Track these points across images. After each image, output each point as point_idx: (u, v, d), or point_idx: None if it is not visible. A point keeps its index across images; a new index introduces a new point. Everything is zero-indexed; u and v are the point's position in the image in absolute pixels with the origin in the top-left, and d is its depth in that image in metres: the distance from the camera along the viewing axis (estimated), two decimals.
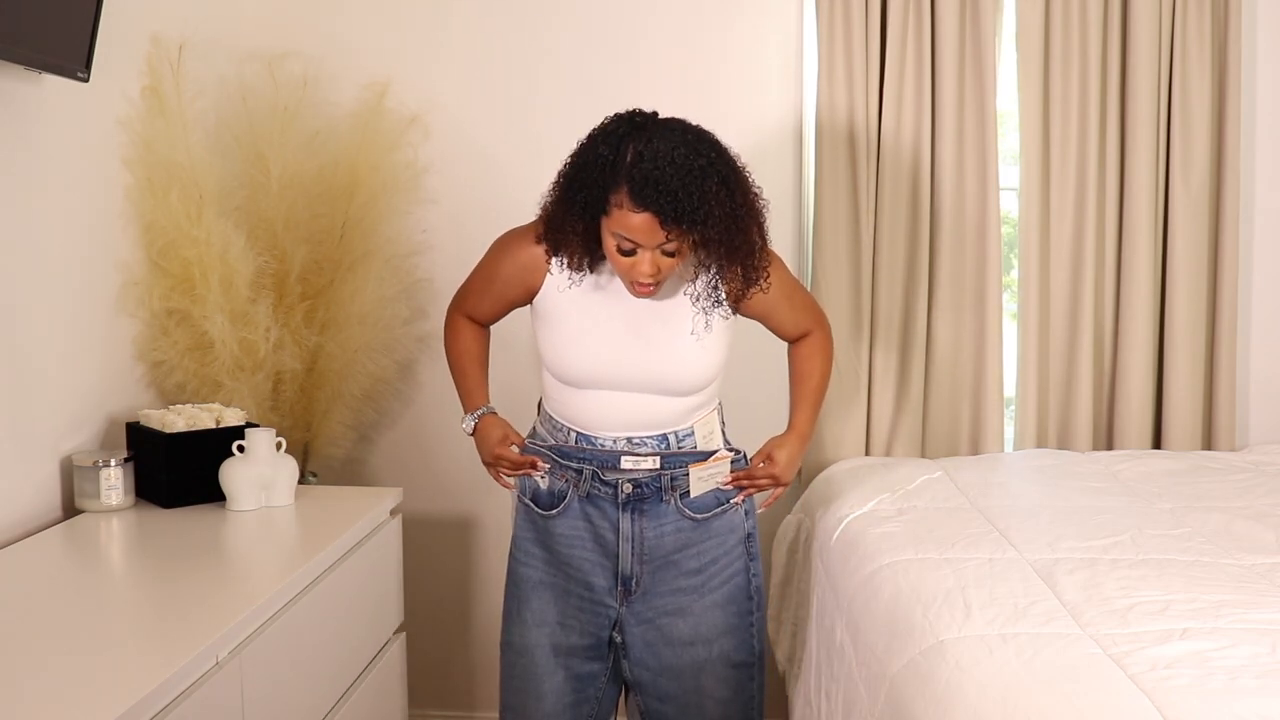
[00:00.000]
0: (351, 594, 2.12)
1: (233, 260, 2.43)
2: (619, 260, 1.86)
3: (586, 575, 2.08)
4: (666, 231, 1.79)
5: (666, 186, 1.76)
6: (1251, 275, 3.00)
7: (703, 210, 1.77)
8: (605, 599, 2.09)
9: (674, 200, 1.76)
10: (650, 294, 1.90)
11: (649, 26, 2.93)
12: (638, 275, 1.85)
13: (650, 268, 1.84)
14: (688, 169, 1.77)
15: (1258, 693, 1.47)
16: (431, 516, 3.01)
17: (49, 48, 1.96)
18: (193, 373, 2.48)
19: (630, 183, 1.78)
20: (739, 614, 2.11)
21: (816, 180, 2.86)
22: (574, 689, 2.12)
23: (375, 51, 2.93)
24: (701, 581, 2.08)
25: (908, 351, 2.90)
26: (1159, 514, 2.29)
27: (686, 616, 2.08)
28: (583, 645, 2.11)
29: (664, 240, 1.81)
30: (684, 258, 1.87)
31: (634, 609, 2.09)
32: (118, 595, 1.84)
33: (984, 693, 1.54)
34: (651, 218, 1.78)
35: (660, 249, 1.83)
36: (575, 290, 2.00)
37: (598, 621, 2.10)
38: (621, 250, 1.84)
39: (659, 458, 2.02)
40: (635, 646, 2.10)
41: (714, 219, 1.79)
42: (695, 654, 2.09)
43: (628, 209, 1.79)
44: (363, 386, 2.79)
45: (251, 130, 2.62)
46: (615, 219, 1.81)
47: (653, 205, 1.77)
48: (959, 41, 2.82)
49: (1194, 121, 2.85)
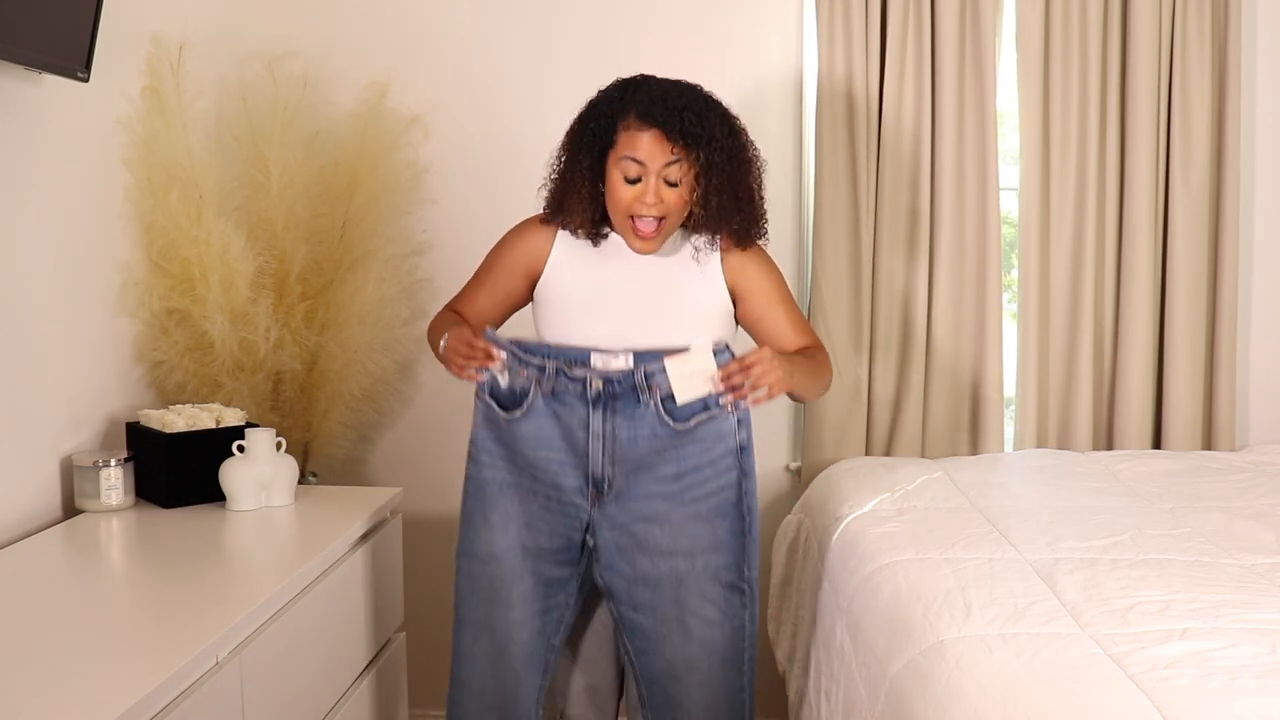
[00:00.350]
0: (351, 594, 2.12)
1: (233, 260, 2.43)
2: (623, 195, 1.90)
3: (555, 476, 1.97)
4: (672, 146, 1.87)
5: (673, 105, 1.88)
6: (1251, 275, 3.00)
7: (706, 132, 1.88)
8: (575, 499, 1.97)
9: (679, 117, 1.87)
10: (651, 239, 1.93)
11: (649, 31, 2.93)
12: (641, 206, 1.89)
13: (654, 196, 1.89)
14: (692, 95, 1.91)
15: (1258, 693, 1.47)
16: (431, 516, 3.01)
17: (49, 48, 1.96)
18: (193, 373, 2.48)
19: (637, 105, 1.89)
20: (730, 531, 1.99)
21: (817, 180, 2.86)
22: (543, 595, 2.02)
23: (375, 51, 2.93)
24: (681, 489, 1.96)
25: (908, 351, 2.90)
26: (1159, 514, 2.29)
27: (663, 524, 1.96)
28: (551, 548, 2.00)
29: (670, 158, 1.87)
30: (685, 198, 1.91)
31: (606, 511, 1.97)
32: (118, 595, 1.84)
33: (984, 693, 1.54)
34: (658, 133, 1.87)
35: (664, 178, 1.88)
36: (578, 268, 2.01)
37: (567, 523, 1.99)
38: (627, 177, 1.89)
39: (631, 354, 1.92)
40: (607, 551, 1.98)
41: (716, 143, 1.89)
42: (675, 565, 1.97)
43: (634, 129, 1.88)
44: (363, 386, 2.79)
45: (251, 130, 2.62)
46: (622, 142, 1.89)
47: (660, 119, 1.87)
48: (959, 41, 2.82)
49: (1194, 121, 2.86)
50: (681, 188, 1.90)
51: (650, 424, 1.93)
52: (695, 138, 1.87)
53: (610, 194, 1.92)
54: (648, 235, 1.92)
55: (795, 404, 3.02)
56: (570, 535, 2.00)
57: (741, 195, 1.95)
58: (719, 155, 1.90)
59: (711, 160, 1.89)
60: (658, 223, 1.92)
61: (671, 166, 1.88)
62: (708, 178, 1.90)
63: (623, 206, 1.91)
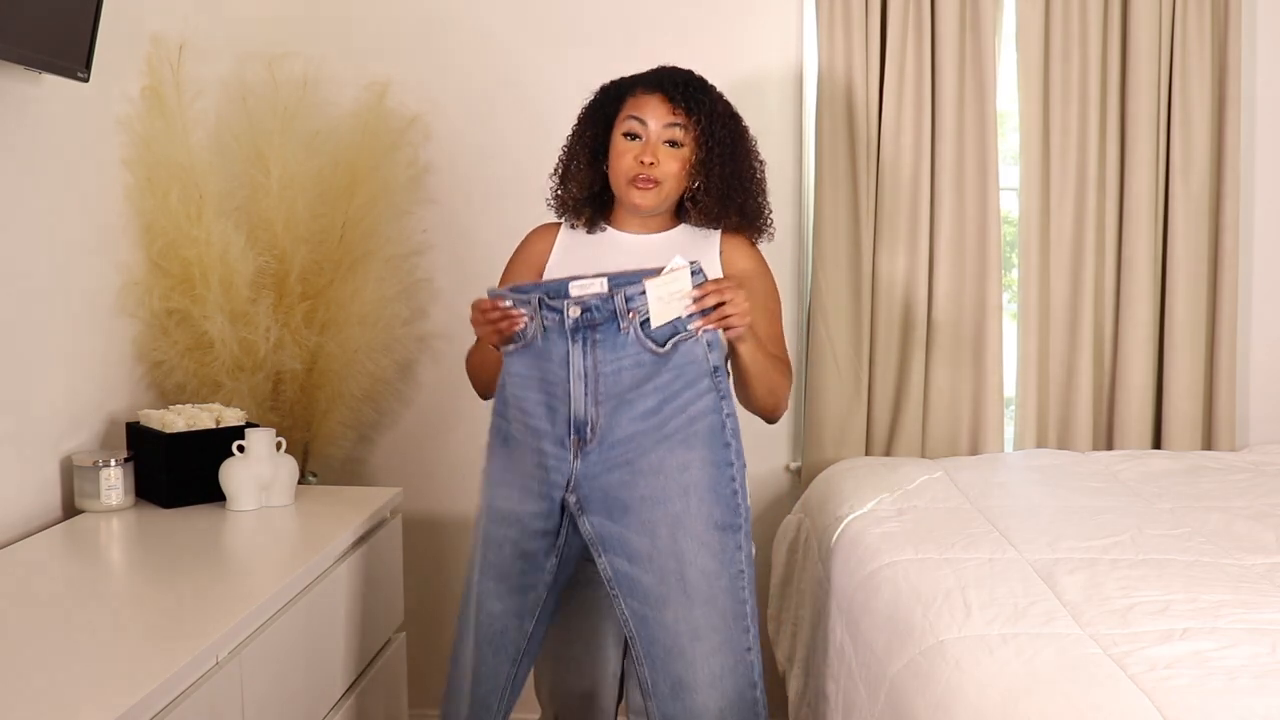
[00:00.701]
0: (351, 594, 2.12)
1: (233, 260, 2.43)
2: (624, 150, 1.98)
3: (537, 420, 1.89)
4: (674, 108, 1.96)
5: (677, 78, 2.01)
6: (1251, 275, 3.00)
7: (708, 104, 1.98)
8: (556, 449, 1.88)
9: (684, 86, 1.99)
10: (648, 194, 1.97)
11: (649, 30, 2.93)
12: (639, 164, 1.96)
13: (651, 155, 1.97)
14: (695, 76, 2.04)
15: (1258, 693, 1.47)
16: (431, 516, 3.01)
17: (49, 48, 1.96)
18: (192, 373, 2.48)
19: (642, 80, 2.02)
20: (716, 463, 1.88)
21: (816, 181, 2.86)
22: (519, 570, 1.94)
23: (375, 51, 2.92)
24: (660, 422, 1.85)
25: (908, 351, 2.90)
26: (1159, 514, 2.29)
27: (651, 467, 1.86)
28: (530, 512, 1.92)
29: (670, 118, 1.96)
30: (683, 167, 1.98)
31: (589, 460, 1.87)
32: (118, 595, 1.84)
33: (984, 693, 1.54)
34: (661, 96, 1.98)
35: (665, 138, 1.97)
36: (576, 260, 2.04)
37: (547, 479, 1.89)
38: (628, 134, 1.98)
39: (605, 278, 1.84)
40: (593, 500, 1.87)
41: (718, 118, 1.99)
42: (669, 508, 1.86)
43: (639, 95, 2.00)
44: (363, 386, 2.79)
45: (251, 130, 2.62)
46: (627, 107, 2.00)
47: (665, 87, 1.98)
48: (959, 42, 2.82)
49: (1194, 121, 2.86)
50: (681, 151, 1.98)
51: (633, 351, 1.84)
52: (698, 103, 1.96)
53: (613, 159, 2.00)
54: (645, 187, 1.98)
55: (795, 404, 3.02)
56: (551, 495, 1.89)
57: (744, 176, 2.02)
58: (720, 130, 1.98)
59: (712, 132, 1.97)
60: (654, 184, 1.98)
61: (673, 129, 1.97)
62: (708, 147, 1.97)
63: (624, 165, 1.98)
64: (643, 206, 2.00)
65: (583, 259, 2.04)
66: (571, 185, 2.06)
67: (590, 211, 2.07)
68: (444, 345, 2.99)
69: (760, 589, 2.87)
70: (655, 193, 1.98)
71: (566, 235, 2.10)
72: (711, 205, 2.00)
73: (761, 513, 3.01)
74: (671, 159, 1.98)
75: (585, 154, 2.05)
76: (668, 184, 1.99)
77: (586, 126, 2.06)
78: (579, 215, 2.08)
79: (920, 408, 2.91)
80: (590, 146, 2.04)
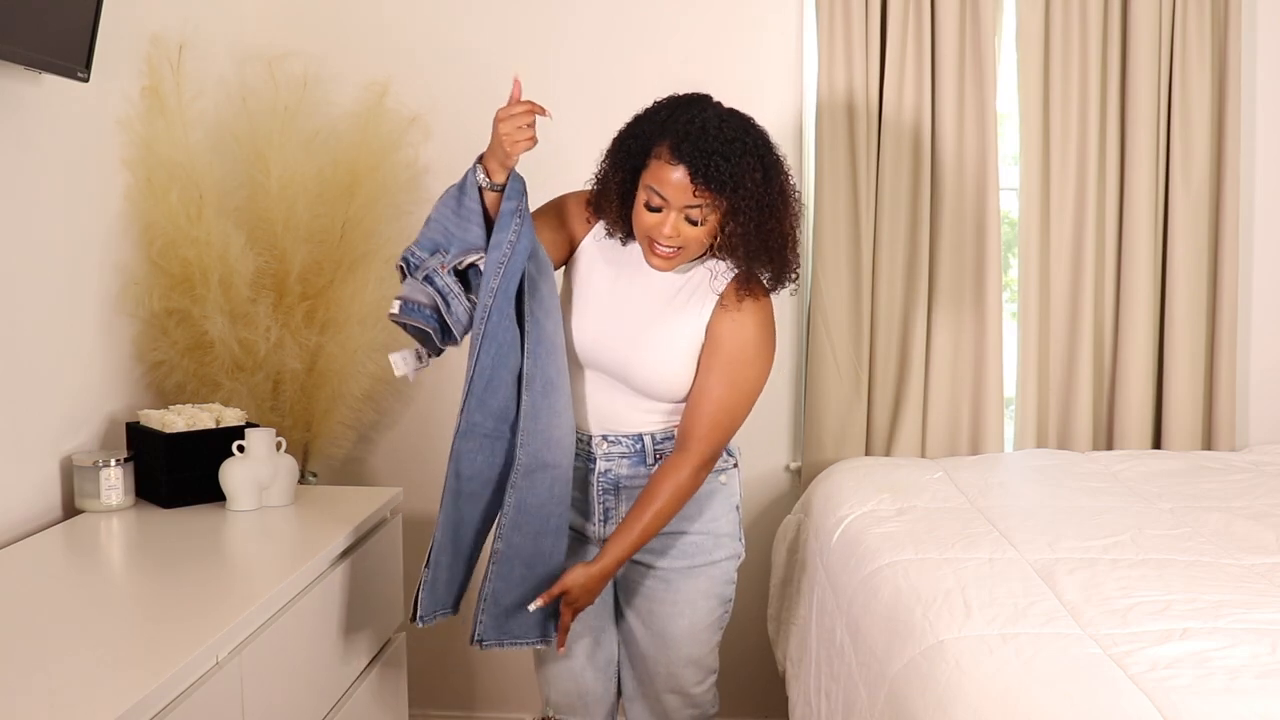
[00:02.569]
0: (351, 594, 2.12)
1: (233, 260, 2.43)
2: (644, 217, 1.89)
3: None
4: (695, 188, 1.83)
5: (706, 147, 1.82)
6: (1251, 275, 3.00)
7: (734, 179, 1.83)
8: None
9: (709, 160, 1.82)
10: (667, 262, 1.91)
11: (649, 32, 2.93)
12: (658, 234, 1.88)
13: (671, 229, 1.87)
14: (730, 139, 1.84)
15: (1258, 693, 1.47)
16: (431, 516, 3.00)
17: (49, 48, 1.96)
18: (192, 373, 2.48)
19: (673, 137, 1.85)
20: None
21: (817, 181, 2.86)
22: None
23: (375, 51, 2.93)
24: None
25: (908, 351, 2.90)
26: (1159, 514, 2.29)
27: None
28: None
29: (691, 200, 1.84)
30: (707, 235, 1.89)
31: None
32: (118, 595, 1.84)
33: (984, 693, 1.54)
34: (685, 173, 1.83)
35: (686, 215, 1.86)
36: (603, 259, 2.02)
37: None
38: (650, 205, 1.88)
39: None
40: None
41: (744, 190, 1.84)
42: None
43: (665, 160, 1.85)
44: (363, 386, 2.79)
45: (251, 130, 2.62)
46: (651, 170, 1.87)
47: (688, 159, 1.83)
48: (959, 42, 2.82)
49: (1194, 121, 2.85)
50: (703, 228, 1.88)
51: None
52: (721, 184, 1.83)
53: (635, 213, 1.92)
54: (664, 257, 1.91)
55: (795, 404, 3.02)
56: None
57: (772, 243, 1.91)
58: (747, 202, 1.85)
59: (738, 207, 1.85)
60: (675, 250, 1.90)
61: (694, 209, 1.85)
62: (734, 222, 1.87)
63: (642, 230, 1.91)
64: (661, 269, 1.94)
65: (603, 275, 2.02)
66: (604, 217, 2.00)
67: (625, 227, 1.98)
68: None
69: (760, 589, 2.87)
70: (675, 259, 1.92)
71: (596, 238, 2.05)
72: (740, 261, 1.94)
73: (761, 513, 3.01)
74: (692, 233, 1.88)
75: (615, 192, 1.95)
76: (690, 249, 1.91)
77: (616, 167, 1.94)
78: (615, 227, 2.00)
79: (920, 408, 2.91)
80: (618, 189, 1.94)
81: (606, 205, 1.97)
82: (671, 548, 2.05)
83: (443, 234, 1.93)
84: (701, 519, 2.06)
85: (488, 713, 3.15)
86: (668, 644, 2.08)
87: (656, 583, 2.07)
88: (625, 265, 2.02)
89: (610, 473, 2.03)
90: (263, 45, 2.78)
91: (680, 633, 2.07)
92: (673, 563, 2.06)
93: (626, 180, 1.92)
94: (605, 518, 2.05)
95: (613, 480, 2.04)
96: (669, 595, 2.06)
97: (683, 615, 2.06)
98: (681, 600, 2.06)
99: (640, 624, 2.10)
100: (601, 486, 2.04)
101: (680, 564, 2.05)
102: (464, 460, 1.95)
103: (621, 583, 2.12)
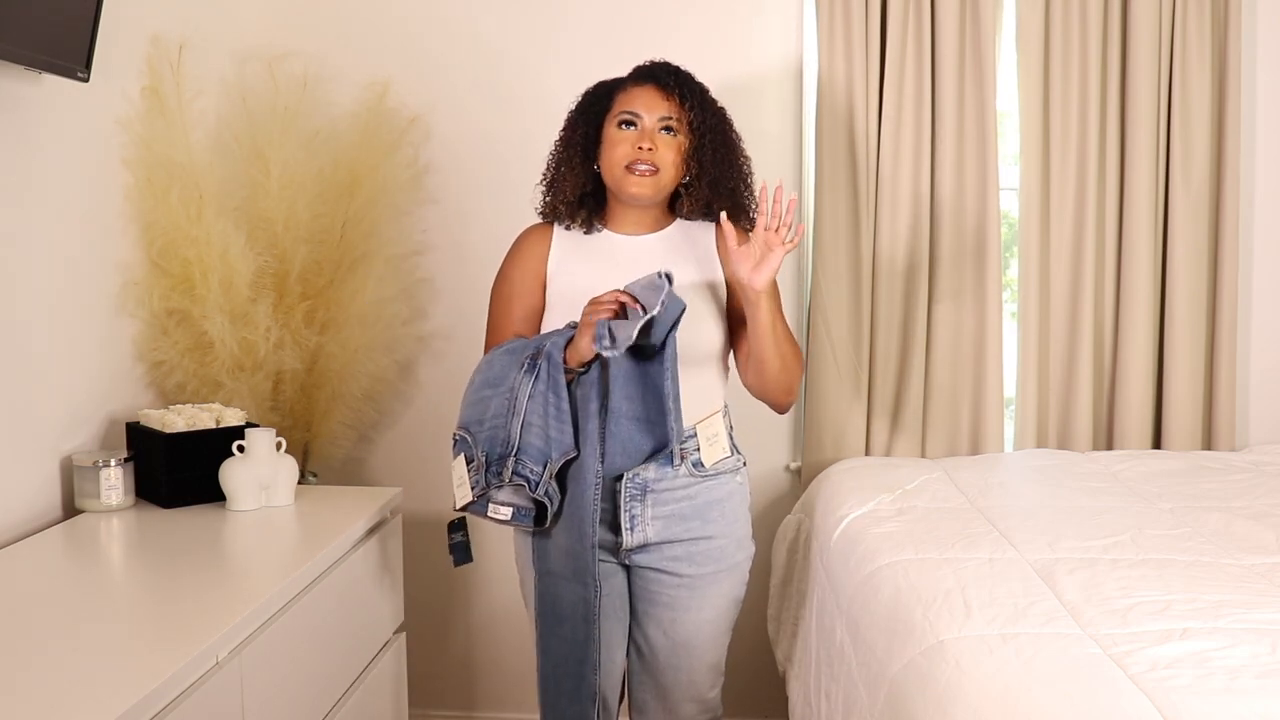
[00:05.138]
0: (351, 594, 2.12)
1: (233, 260, 2.43)
2: (618, 144, 1.98)
3: None
4: (667, 99, 1.99)
5: (667, 68, 2.04)
6: (1251, 275, 3.00)
7: (697, 95, 2.01)
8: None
9: (673, 75, 2.01)
10: (646, 183, 1.97)
11: (649, 30, 2.93)
12: (635, 150, 1.96)
13: (649, 141, 1.97)
14: (683, 68, 2.05)
15: (1258, 693, 1.47)
16: (431, 516, 3.00)
17: (49, 48, 1.96)
18: (193, 373, 2.48)
19: (634, 74, 2.05)
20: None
21: (816, 181, 2.86)
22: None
23: (375, 51, 2.93)
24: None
25: (908, 351, 2.90)
26: (1159, 514, 2.29)
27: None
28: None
29: (664, 110, 1.99)
30: (679, 154, 1.99)
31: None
32: (118, 595, 1.84)
33: (984, 693, 1.54)
34: (655, 87, 2.01)
35: (661, 124, 1.99)
36: (576, 262, 2.04)
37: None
38: (624, 124, 1.99)
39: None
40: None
41: (706, 106, 2.01)
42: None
43: (631, 88, 2.03)
44: (363, 386, 2.79)
45: (251, 130, 2.63)
46: (619, 102, 2.02)
47: (658, 77, 2.01)
48: (959, 41, 2.82)
49: (1194, 121, 2.85)
50: (677, 139, 1.99)
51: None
52: (690, 92, 1.99)
53: (606, 150, 2.00)
54: (643, 175, 1.98)
55: (795, 404, 3.02)
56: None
57: (735, 164, 2.04)
58: (711, 119, 2.01)
59: (705, 120, 1.99)
60: (653, 169, 1.98)
61: (668, 117, 1.99)
62: (701, 134, 1.99)
63: (617, 159, 1.98)
64: (640, 196, 1.99)
65: (587, 270, 2.02)
66: (563, 187, 2.05)
67: (585, 212, 2.06)
68: (444, 345, 2.99)
69: (760, 589, 2.87)
70: (653, 181, 1.98)
71: (563, 236, 2.09)
72: (705, 192, 2.01)
73: (762, 513, 3.01)
74: (668, 147, 1.99)
75: (577, 153, 2.04)
76: (665, 173, 1.99)
77: (576, 126, 2.06)
78: (574, 217, 2.06)
79: (920, 408, 2.91)
80: (581, 145, 2.03)
81: (567, 171, 2.04)
82: (697, 554, 2.05)
83: (543, 440, 1.92)
84: (724, 522, 2.06)
85: (488, 713, 3.15)
86: (691, 650, 2.08)
87: (682, 590, 2.05)
88: (601, 250, 2.05)
89: (638, 476, 2.00)
90: (263, 45, 2.78)
91: (705, 638, 2.08)
92: (700, 569, 2.05)
93: (590, 133, 2.03)
94: (632, 525, 2.02)
95: (640, 485, 2.01)
96: (694, 602, 2.06)
97: (707, 620, 2.07)
98: (707, 605, 2.07)
99: (662, 634, 2.09)
100: (629, 493, 2.01)
101: (708, 569, 2.05)
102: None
103: (642, 595, 2.09)
